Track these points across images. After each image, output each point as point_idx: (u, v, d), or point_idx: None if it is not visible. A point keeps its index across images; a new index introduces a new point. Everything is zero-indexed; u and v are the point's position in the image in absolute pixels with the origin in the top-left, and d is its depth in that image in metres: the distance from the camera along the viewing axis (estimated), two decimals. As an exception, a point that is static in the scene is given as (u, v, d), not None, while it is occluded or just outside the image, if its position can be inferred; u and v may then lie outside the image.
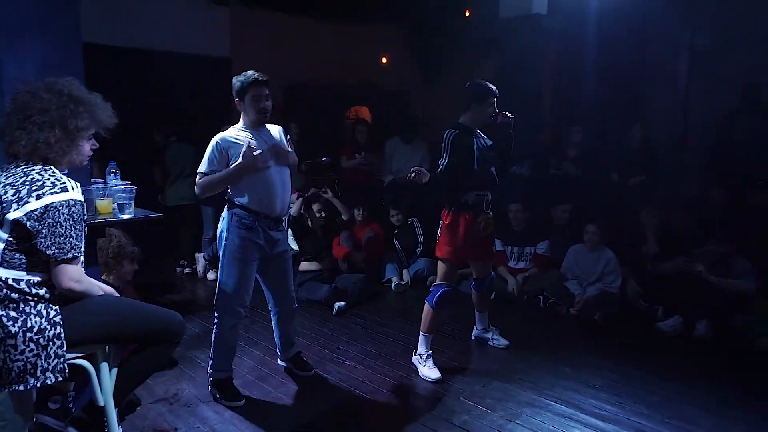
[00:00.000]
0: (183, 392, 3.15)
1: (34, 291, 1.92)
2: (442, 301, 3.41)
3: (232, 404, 2.99)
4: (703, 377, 3.40)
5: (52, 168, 1.98)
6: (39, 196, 1.87)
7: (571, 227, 5.17)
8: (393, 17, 8.01)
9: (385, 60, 8.63)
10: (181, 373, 3.39)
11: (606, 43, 6.20)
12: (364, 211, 5.72)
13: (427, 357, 3.43)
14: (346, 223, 5.74)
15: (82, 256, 2.02)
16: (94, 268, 2.79)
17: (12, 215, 1.86)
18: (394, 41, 8.38)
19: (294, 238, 5.01)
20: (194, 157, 5.42)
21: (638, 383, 3.29)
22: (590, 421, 2.86)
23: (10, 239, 1.89)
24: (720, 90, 5.62)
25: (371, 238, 5.57)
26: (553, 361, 3.60)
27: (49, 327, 1.91)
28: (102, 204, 2.95)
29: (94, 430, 2.29)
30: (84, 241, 2.01)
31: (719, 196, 4.87)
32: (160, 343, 2.23)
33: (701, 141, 5.88)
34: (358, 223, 5.75)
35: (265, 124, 3.03)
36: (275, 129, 3.09)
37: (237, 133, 2.95)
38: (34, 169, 1.93)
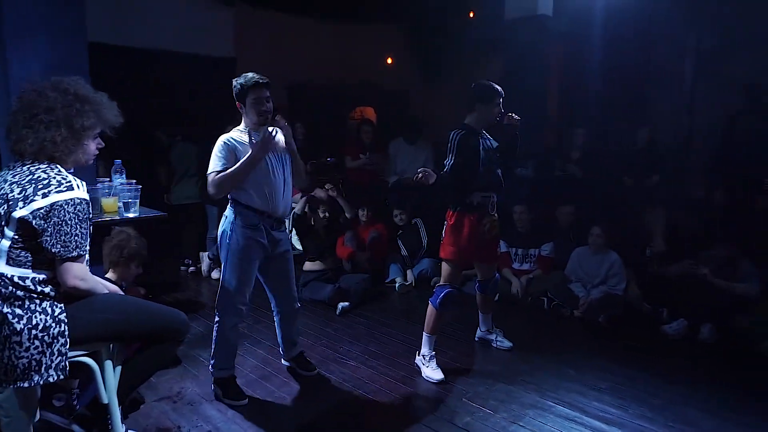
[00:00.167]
0: (186, 391, 3.16)
1: (40, 289, 1.93)
2: (445, 302, 3.40)
3: (235, 403, 3.00)
4: (707, 380, 3.38)
5: (58, 167, 1.98)
6: (45, 195, 1.88)
7: (575, 229, 5.16)
8: (398, 18, 8.02)
9: (389, 60, 8.64)
10: (185, 371, 3.40)
11: (611, 45, 6.19)
12: (368, 212, 5.72)
13: (431, 358, 3.43)
14: (350, 223, 5.74)
15: (87, 255, 2.03)
16: (98, 266, 2.80)
17: (18, 213, 1.87)
18: (398, 42, 8.38)
19: (297, 238, 5.02)
20: (199, 156, 5.45)
21: (642, 386, 3.28)
22: (594, 424, 2.85)
23: (16, 237, 1.90)
24: (725, 92, 5.60)
25: (375, 238, 5.57)
26: (556, 363, 3.59)
27: (53, 324, 1.92)
28: (107, 202, 2.98)
29: (97, 427, 2.32)
30: (89, 239, 2.02)
31: (724, 199, 4.86)
32: (163, 342, 2.24)
33: (706, 143, 5.87)
34: (362, 224, 5.75)
35: (266, 126, 3.03)
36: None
37: (239, 135, 2.96)
38: (41, 168, 1.94)
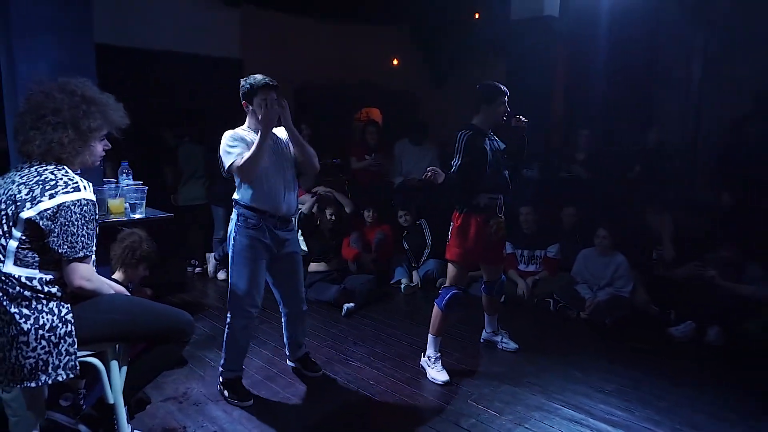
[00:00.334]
0: (192, 391, 3.16)
1: (47, 289, 1.94)
2: (451, 303, 3.39)
3: (241, 404, 3.00)
4: (714, 383, 3.36)
5: (65, 168, 1.99)
6: (52, 196, 1.89)
7: (581, 230, 5.14)
8: (404, 19, 8.03)
9: (395, 61, 8.64)
10: (191, 372, 3.41)
11: (617, 46, 6.17)
12: (373, 213, 5.72)
13: (436, 359, 3.42)
14: (355, 223, 5.74)
15: (94, 255, 2.04)
16: (104, 267, 2.81)
17: (25, 214, 1.88)
18: (403, 43, 8.39)
19: (302, 239, 5.02)
20: (206, 157, 5.47)
21: (648, 388, 3.26)
22: (600, 426, 2.84)
23: (24, 238, 1.91)
24: (732, 94, 5.57)
25: (381, 239, 5.57)
26: (562, 365, 3.58)
27: (60, 325, 1.93)
28: (114, 204, 2.99)
29: (103, 427, 2.33)
30: (95, 240, 2.03)
31: (731, 201, 4.83)
32: (169, 342, 2.25)
33: (712, 144, 5.83)
34: (368, 225, 5.75)
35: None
36: (281, 131, 3.10)
37: (244, 132, 2.95)
38: (48, 169, 1.95)
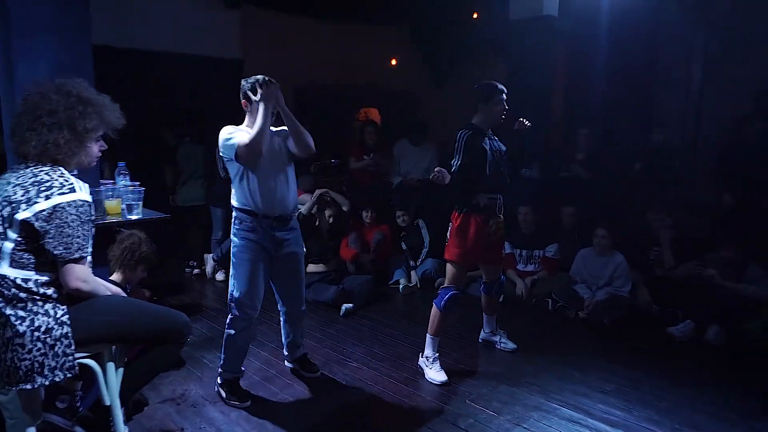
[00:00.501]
0: (190, 393, 3.16)
1: (42, 291, 1.93)
2: (450, 304, 3.38)
3: (239, 405, 3.00)
4: (713, 383, 3.35)
5: (61, 169, 1.99)
6: (47, 197, 1.88)
7: (580, 230, 5.13)
8: (403, 19, 8.02)
9: (394, 62, 8.64)
10: (189, 373, 3.41)
11: (617, 46, 6.16)
12: (372, 213, 5.71)
13: (434, 359, 3.42)
14: (354, 225, 5.74)
15: (90, 256, 2.04)
16: (102, 268, 2.81)
17: (21, 215, 1.87)
18: (403, 43, 8.39)
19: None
20: (205, 157, 5.46)
21: (648, 388, 3.26)
22: (599, 426, 2.83)
23: (19, 239, 1.91)
24: (733, 94, 5.56)
25: (380, 240, 5.57)
26: (561, 365, 3.57)
27: (56, 326, 1.92)
28: (111, 204, 2.99)
29: (100, 429, 2.32)
30: (91, 241, 2.02)
31: (731, 201, 4.82)
32: (166, 344, 2.24)
33: (713, 145, 5.82)
34: (366, 225, 5.74)
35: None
36: (279, 129, 3.10)
37: (243, 129, 2.95)
38: (43, 170, 1.95)
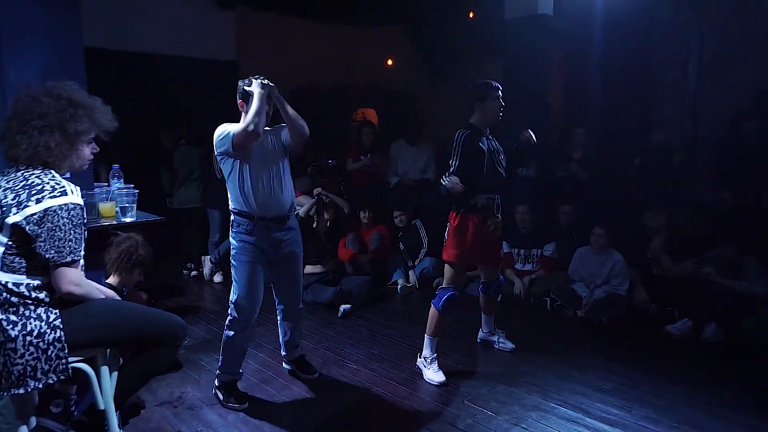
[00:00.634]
0: (187, 395, 3.15)
1: (34, 295, 1.92)
2: (448, 305, 3.37)
3: (236, 407, 2.98)
4: (711, 381, 3.35)
5: (52, 172, 1.98)
6: (38, 200, 1.87)
7: (578, 229, 5.13)
8: (398, 19, 8.02)
9: (390, 62, 8.64)
10: (186, 376, 3.39)
11: (613, 45, 6.16)
12: (369, 213, 5.70)
13: (432, 360, 3.41)
14: (352, 225, 5.72)
15: (83, 260, 2.02)
16: (96, 271, 2.79)
17: (11, 219, 1.86)
18: (399, 43, 8.38)
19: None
20: (202, 160, 5.45)
21: (646, 387, 3.25)
22: (597, 425, 2.82)
23: (10, 243, 1.89)
24: (729, 93, 5.56)
25: (378, 240, 5.55)
26: (559, 364, 3.56)
27: (48, 331, 1.91)
28: (105, 207, 2.98)
29: (95, 433, 2.30)
30: (84, 244, 2.01)
31: (729, 199, 4.82)
32: (161, 347, 2.22)
33: (712, 144, 5.81)
34: (364, 225, 5.74)
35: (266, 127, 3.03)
36: (272, 128, 3.09)
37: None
38: (34, 174, 1.94)
